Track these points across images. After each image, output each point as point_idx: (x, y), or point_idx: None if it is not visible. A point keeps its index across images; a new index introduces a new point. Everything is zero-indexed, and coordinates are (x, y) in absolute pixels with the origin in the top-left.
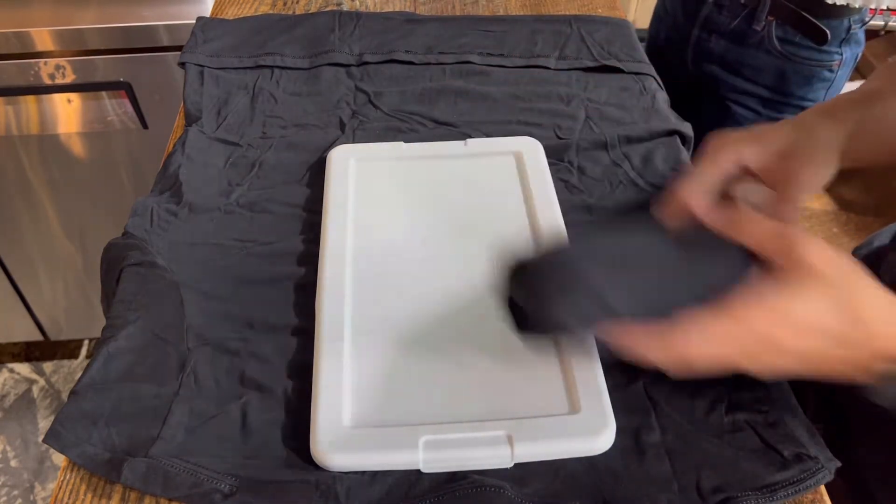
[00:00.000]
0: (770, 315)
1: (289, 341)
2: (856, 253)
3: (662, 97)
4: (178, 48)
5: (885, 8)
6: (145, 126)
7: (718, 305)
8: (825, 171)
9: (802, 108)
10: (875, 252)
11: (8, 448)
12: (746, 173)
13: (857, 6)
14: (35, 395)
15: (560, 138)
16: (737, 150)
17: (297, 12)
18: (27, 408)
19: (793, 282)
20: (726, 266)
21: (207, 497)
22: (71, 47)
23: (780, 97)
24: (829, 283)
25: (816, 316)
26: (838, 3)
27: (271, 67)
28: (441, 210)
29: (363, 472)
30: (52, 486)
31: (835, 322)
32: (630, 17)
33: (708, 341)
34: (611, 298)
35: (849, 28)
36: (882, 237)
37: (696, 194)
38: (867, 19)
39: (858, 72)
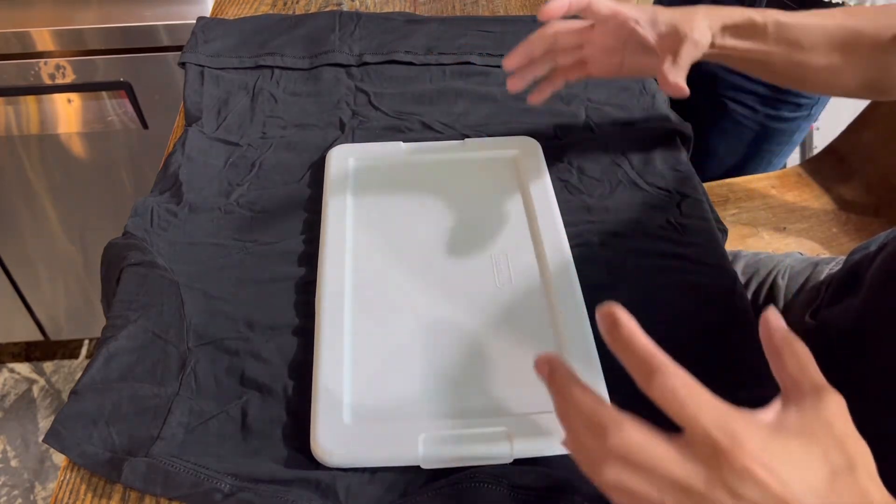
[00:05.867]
0: None
1: (289, 341)
2: (852, 255)
3: (662, 97)
4: (179, 48)
5: None
6: (145, 126)
7: None
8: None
9: (799, 106)
10: (870, 257)
11: (8, 448)
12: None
13: (852, 4)
14: (35, 395)
15: (560, 138)
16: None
17: (297, 12)
18: (27, 408)
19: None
20: None
21: (208, 496)
22: (71, 47)
23: (778, 95)
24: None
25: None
26: (834, 2)
27: (271, 67)
28: (440, 210)
29: (363, 471)
30: (52, 485)
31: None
32: None
33: None
34: None
35: None
36: (877, 241)
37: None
38: None
39: None
